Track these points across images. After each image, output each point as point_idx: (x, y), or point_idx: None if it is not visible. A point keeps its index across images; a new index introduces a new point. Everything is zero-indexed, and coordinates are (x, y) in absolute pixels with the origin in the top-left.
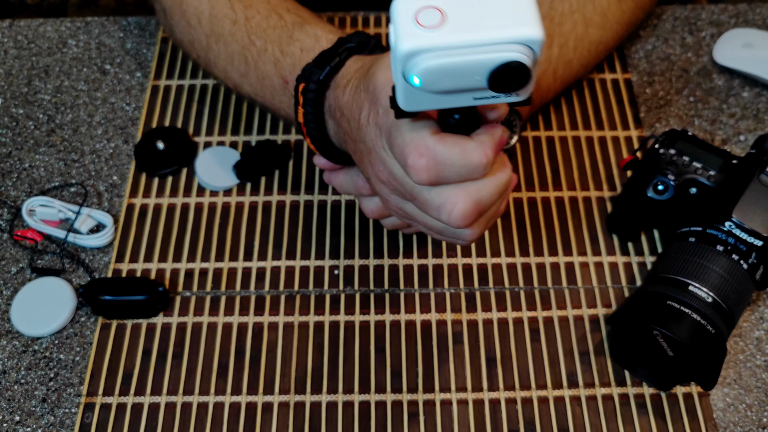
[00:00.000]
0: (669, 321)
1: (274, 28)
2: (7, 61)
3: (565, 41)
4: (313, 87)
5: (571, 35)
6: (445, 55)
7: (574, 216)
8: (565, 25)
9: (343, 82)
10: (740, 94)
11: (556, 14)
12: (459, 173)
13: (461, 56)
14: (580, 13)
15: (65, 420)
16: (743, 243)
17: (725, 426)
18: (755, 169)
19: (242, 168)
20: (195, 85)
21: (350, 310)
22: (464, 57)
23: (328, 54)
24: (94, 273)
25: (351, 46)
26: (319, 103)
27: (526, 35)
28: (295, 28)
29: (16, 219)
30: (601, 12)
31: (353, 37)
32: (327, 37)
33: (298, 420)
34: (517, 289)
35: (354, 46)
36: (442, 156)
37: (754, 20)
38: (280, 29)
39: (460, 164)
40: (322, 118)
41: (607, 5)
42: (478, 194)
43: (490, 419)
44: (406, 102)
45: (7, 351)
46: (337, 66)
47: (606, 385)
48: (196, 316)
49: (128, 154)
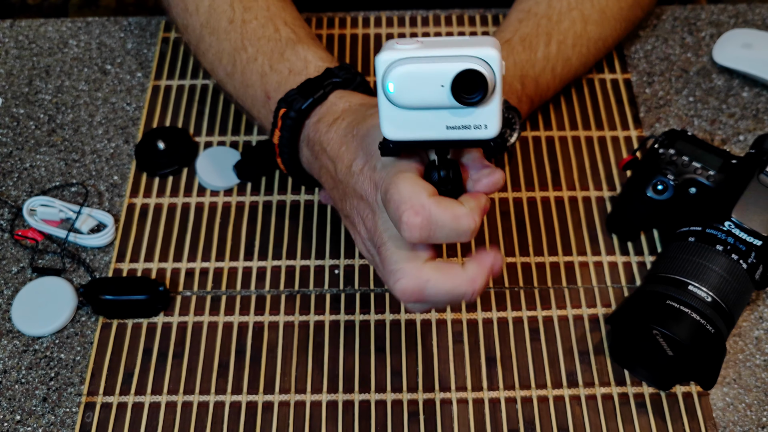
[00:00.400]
0: (668, 320)
1: (269, 39)
2: (8, 61)
3: (564, 38)
4: (293, 115)
5: (569, 32)
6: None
7: (573, 216)
8: (564, 22)
9: (329, 119)
10: (740, 94)
11: (554, 12)
12: (448, 235)
13: (427, 64)
14: (578, 10)
15: (66, 419)
16: (743, 243)
17: (725, 425)
18: (755, 169)
19: (243, 168)
20: (195, 85)
21: (350, 309)
22: (430, 65)
23: (313, 84)
24: (94, 273)
25: (336, 81)
26: (297, 130)
27: (483, 53)
28: (288, 45)
29: (17, 219)
30: (599, 9)
31: (340, 72)
32: (316, 64)
33: (298, 419)
34: (517, 289)
35: (340, 82)
36: (435, 217)
37: (753, 20)
38: (273, 42)
39: (450, 227)
40: (296, 144)
41: (605, 2)
42: (425, 284)
43: (490, 419)
44: (388, 126)
45: (7, 350)
46: (320, 98)
47: (605, 384)
48: (197, 316)
49: (129, 154)
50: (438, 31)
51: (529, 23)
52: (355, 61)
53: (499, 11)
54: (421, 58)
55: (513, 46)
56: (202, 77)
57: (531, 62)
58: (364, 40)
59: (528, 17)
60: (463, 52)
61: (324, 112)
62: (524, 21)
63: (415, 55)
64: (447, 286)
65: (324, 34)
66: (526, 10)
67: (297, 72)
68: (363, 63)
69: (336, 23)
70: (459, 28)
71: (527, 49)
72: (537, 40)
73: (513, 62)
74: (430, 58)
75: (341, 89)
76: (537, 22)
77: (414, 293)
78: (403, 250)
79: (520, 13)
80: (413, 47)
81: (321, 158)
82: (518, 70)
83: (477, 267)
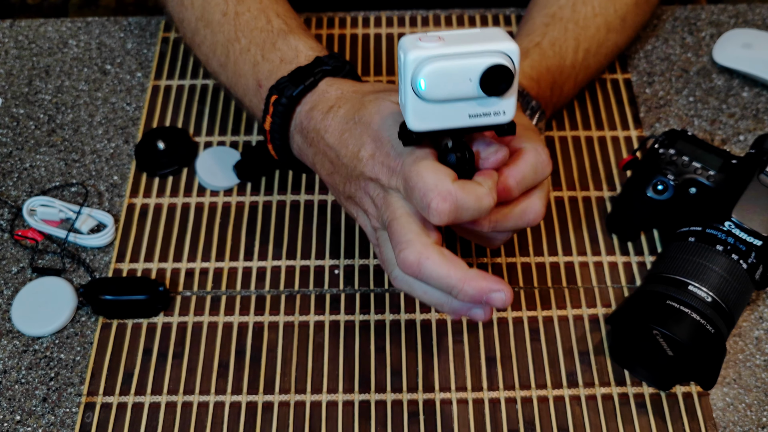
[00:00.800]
0: (669, 320)
1: (261, 30)
2: (7, 61)
3: (589, 46)
4: (284, 102)
5: (594, 40)
6: (445, 59)
7: (573, 216)
8: (590, 29)
9: (323, 107)
10: (740, 94)
11: (580, 18)
12: (471, 215)
13: (457, 61)
14: (603, 17)
15: (66, 420)
16: (743, 243)
17: (725, 425)
18: (755, 169)
19: (243, 168)
20: (195, 85)
21: (350, 309)
22: (459, 61)
23: (303, 72)
24: (94, 273)
25: (327, 69)
26: (287, 117)
27: (506, 47)
28: (279, 36)
29: (17, 219)
30: (621, 16)
31: (330, 60)
32: (306, 53)
33: (298, 419)
34: (517, 289)
35: (329, 69)
36: (461, 201)
37: (753, 20)
38: (265, 33)
39: (474, 208)
40: (287, 131)
41: (626, 9)
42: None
43: (490, 419)
44: (414, 119)
45: (7, 350)
46: (310, 85)
47: (605, 384)
48: (197, 316)
49: (129, 154)
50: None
51: (556, 27)
52: (355, 61)
53: (499, 11)
54: (450, 55)
55: (544, 51)
56: (202, 77)
57: (560, 70)
58: (364, 40)
59: (554, 21)
60: (488, 47)
61: (316, 99)
62: (551, 25)
63: (443, 52)
64: (442, 271)
65: (324, 34)
66: (551, 15)
67: (288, 61)
68: (363, 63)
69: (336, 23)
70: (459, 28)
71: (557, 56)
72: (566, 45)
73: (546, 68)
74: (457, 54)
75: (331, 77)
76: (564, 26)
77: (413, 265)
78: (414, 225)
79: (545, 17)
80: (438, 44)
81: (317, 145)
82: (550, 77)
83: (479, 279)
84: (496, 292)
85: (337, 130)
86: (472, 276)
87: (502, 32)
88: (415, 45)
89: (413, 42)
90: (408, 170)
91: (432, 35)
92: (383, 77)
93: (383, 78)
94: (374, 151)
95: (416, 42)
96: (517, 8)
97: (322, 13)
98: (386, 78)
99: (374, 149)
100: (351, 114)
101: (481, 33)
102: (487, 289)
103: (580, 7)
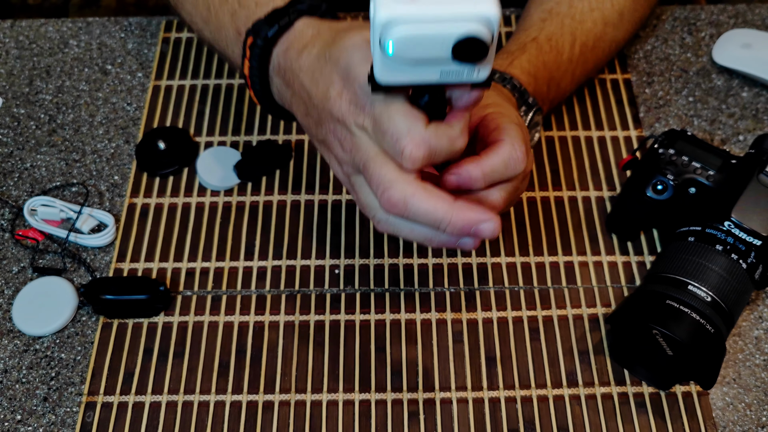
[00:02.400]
0: (668, 320)
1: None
2: (8, 61)
3: (586, 41)
4: (260, 43)
5: (591, 34)
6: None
7: (573, 216)
8: (586, 23)
9: (299, 45)
10: (739, 94)
11: (577, 12)
12: (444, 157)
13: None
14: (600, 11)
15: (66, 419)
16: (742, 242)
17: (724, 425)
18: (754, 169)
19: (243, 168)
20: (196, 85)
21: (351, 309)
22: (432, 28)
23: (279, 12)
24: (95, 272)
25: (302, 8)
26: (265, 60)
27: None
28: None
29: (18, 219)
30: (618, 11)
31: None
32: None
33: (298, 419)
34: (517, 289)
35: (305, 9)
36: (435, 146)
37: (753, 20)
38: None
39: (448, 150)
40: (266, 74)
41: (623, 4)
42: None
43: (490, 418)
44: (382, 73)
45: (8, 350)
46: (285, 25)
47: (605, 384)
48: (197, 316)
49: (129, 154)
50: None
51: (553, 22)
52: None
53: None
54: (422, 17)
55: (541, 46)
56: (202, 77)
57: (557, 64)
58: None
59: (551, 17)
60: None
61: (292, 39)
62: (548, 20)
63: (415, 12)
64: (429, 206)
65: None
66: (548, 10)
67: (263, 4)
68: None
69: None
70: None
71: (554, 50)
72: (562, 39)
73: (543, 63)
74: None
75: (308, 16)
76: (561, 21)
77: (398, 204)
78: (391, 164)
79: (542, 13)
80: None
81: (293, 85)
82: (547, 72)
83: (467, 210)
84: (484, 222)
85: (310, 69)
86: (459, 207)
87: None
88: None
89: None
90: (379, 112)
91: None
92: None
93: None
94: (342, 89)
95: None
96: (517, 8)
97: None
98: None
99: (342, 87)
100: (323, 52)
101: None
102: (476, 219)
103: (577, 2)
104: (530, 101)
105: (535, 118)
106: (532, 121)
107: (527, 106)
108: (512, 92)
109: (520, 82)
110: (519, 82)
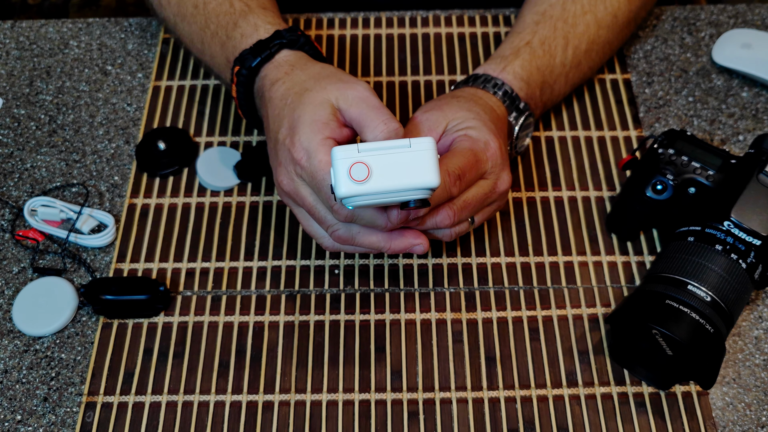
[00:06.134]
0: (668, 320)
1: (225, 14)
2: (8, 61)
3: (579, 44)
4: (245, 72)
5: (584, 37)
6: (371, 198)
7: (573, 216)
8: (579, 26)
9: (273, 77)
10: (739, 94)
11: (569, 15)
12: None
13: (382, 198)
14: (592, 14)
15: (66, 419)
16: (742, 242)
17: (724, 425)
18: (754, 169)
19: (243, 168)
20: (196, 85)
21: (350, 309)
22: (384, 198)
23: (263, 44)
24: (95, 273)
25: (283, 42)
26: (250, 85)
27: (428, 183)
28: (240, 16)
29: (18, 219)
30: (612, 13)
31: (287, 33)
32: (265, 27)
33: (298, 419)
34: (517, 289)
35: (285, 43)
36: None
37: (753, 20)
38: (228, 15)
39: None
40: (251, 97)
41: (617, 6)
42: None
43: (490, 418)
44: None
45: (8, 350)
46: (267, 57)
47: (605, 384)
48: (197, 316)
49: (129, 155)
50: (438, 32)
51: (546, 26)
52: (355, 62)
53: (498, 11)
54: (375, 193)
55: (534, 50)
56: (202, 78)
57: (550, 68)
58: (363, 40)
59: (544, 20)
60: (411, 184)
61: (270, 69)
62: (541, 23)
63: (368, 191)
64: (371, 239)
65: (324, 34)
66: (541, 13)
67: (248, 35)
68: (363, 63)
69: (336, 24)
70: (459, 28)
71: (547, 54)
72: (555, 43)
73: (536, 67)
74: (382, 193)
75: (288, 49)
76: (554, 24)
77: (347, 240)
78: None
79: (535, 15)
80: (365, 179)
81: (264, 109)
82: (540, 76)
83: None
84: (416, 246)
85: (274, 104)
86: (394, 237)
87: (429, 148)
88: (344, 179)
89: (343, 172)
90: (314, 169)
91: (362, 166)
92: (383, 77)
93: (383, 78)
94: (286, 136)
95: (345, 174)
96: (517, 8)
97: (321, 14)
98: (386, 78)
99: (287, 134)
100: (287, 96)
101: (411, 154)
102: (408, 244)
103: (570, 5)
104: (521, 107)
105: (527, 122)
106: (523, 126)
107: (518, 111)
108: (503, 98)
109: (512, 88)
110: (511, 88)
